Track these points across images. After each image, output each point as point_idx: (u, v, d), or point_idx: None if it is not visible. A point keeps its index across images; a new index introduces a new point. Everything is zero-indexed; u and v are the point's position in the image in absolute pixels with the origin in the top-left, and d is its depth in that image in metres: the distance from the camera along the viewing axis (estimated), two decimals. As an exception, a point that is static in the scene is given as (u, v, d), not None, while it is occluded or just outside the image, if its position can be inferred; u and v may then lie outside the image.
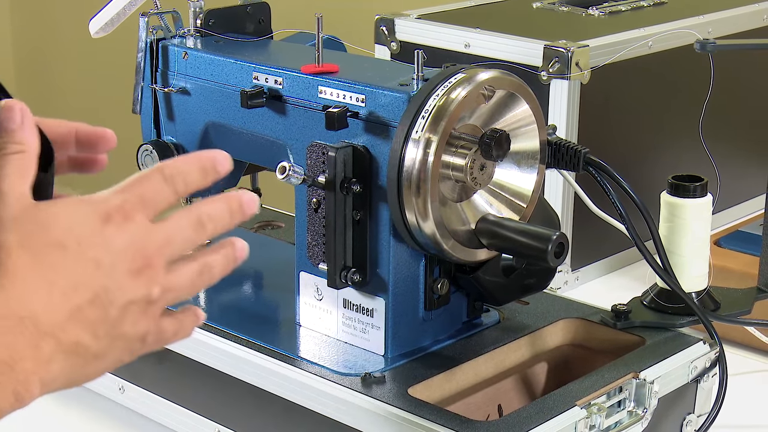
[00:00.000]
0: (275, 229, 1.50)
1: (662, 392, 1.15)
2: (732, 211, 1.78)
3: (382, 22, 1.68)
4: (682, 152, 1.66)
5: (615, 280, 1.62)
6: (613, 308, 1.24)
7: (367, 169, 1.12)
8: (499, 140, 1.08)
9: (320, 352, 1.18)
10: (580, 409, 1.08)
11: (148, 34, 1.29)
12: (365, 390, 1.10)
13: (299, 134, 1.18)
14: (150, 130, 1.33)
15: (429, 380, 1.13)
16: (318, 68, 1.18)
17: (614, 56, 1.53)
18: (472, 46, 1.58)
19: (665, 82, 1.64)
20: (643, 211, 1.18)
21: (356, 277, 1.14)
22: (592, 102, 1.53)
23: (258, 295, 1.34)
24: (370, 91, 1.13)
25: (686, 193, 1.23)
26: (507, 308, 1.26)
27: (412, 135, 1.08)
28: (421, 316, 1.18)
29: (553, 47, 1.50)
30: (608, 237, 1.51)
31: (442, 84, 1.09)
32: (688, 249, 1.23)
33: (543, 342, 1.24)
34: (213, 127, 1.27)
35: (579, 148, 1.18)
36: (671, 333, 1.22)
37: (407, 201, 1.09)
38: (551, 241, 1.07)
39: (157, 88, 1.30)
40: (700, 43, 1.29)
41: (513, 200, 1.16)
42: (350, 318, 1.18)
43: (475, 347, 1.19)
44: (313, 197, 1.14)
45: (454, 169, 1.10)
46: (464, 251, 1.12)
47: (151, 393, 1.27)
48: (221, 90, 1.25)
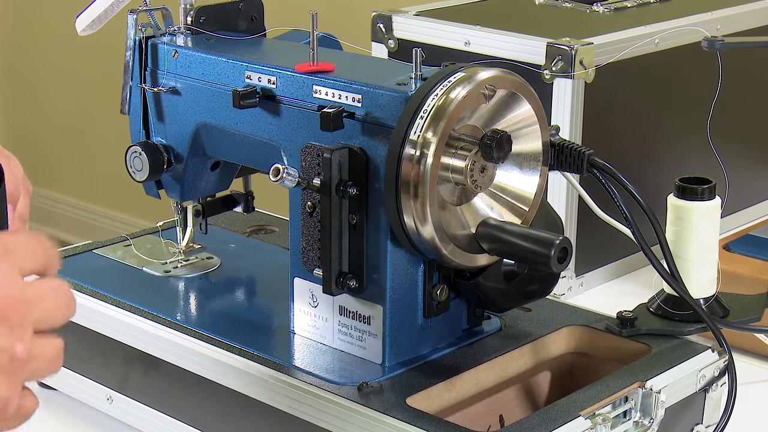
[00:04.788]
0: (269, 233, 1.50)
1: (669, 402, 1.14)
2: (741, 214, 1.78)
3: (379, 18, 1.68)
4: (690, 154, 1.67)
5: (620, 286, 1.62)
6: (619, 315, 1.24)
7: (364, 171, 1.12)
8: (500, 141, 1.08)
9: (315, 361, 1.17)
10: (585, 419, 1.07)
11: (137, 31, 1.29)
12: (362, 400, 1.09)
13: (293, 135, 1.18)
14: (139, 131, 1.32)
15: (428, 390, 1.13)
16: (313, 67, 1.17)
17: (619, 54, 1.53)
18: (472, 43, 1.58)
19: (672, 81, 1.65)
20: (649, 215, 1.17)
21: (353, 284, 1.14)
22: (597, 102, 1.53)
23: (251, 302, 1.33)
24: (366, 90, 1.12)
25: (694, 195, 1.23)
26: (509, 315, 1.25)
27: (410, 136, 1.08)
28: (419, 323, 1.17)
29: (556, 45, 1.50)
30: (613, 241, 1.51)
31: (441, 83, 1.09)
32: (695, 254, 1.23)
33: (546, 350, 1.24)
34: (204, 128, 1.27)
35: (583, 150, 1.17)
36: (678, 341, 1.22)
37: (405, 204, 1.08)
38: (554, 245, 1.07)
39: (146, 87, 1.30)
40: (708, 40, 1.31)
41: (515, 203, 1.15)
42: (346, 326, 1.18)
43: (476, 356, 1.19)
44: (308, 200, 1.14)
45: (453, 172, 1.10)
46: (464, 256, 1.12)
47: (139, 403, 1.26)
48: (212, 89, 1.24)
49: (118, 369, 1.27)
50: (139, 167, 1.29)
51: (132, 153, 1.30)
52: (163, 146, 1.30)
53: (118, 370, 1.27)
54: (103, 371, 1.28)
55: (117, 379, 1.27)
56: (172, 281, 1.34)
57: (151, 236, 1.44)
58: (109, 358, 1.27)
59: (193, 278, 1.35)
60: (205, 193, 1.34)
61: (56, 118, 3.83)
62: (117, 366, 1.27)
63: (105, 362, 1.27)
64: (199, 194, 1.33)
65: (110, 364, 1.27)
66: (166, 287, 1.33)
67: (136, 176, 1.30)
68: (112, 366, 1.27)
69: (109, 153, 3.07)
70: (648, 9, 1.73)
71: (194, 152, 1.29)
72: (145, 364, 1.23)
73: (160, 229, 1.44)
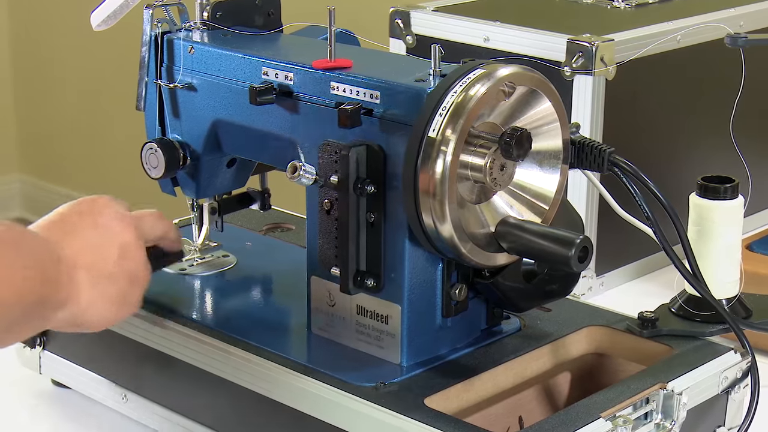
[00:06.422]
0: (285, 231, 1.49)
1: (691, 404, 1.14)
2: (764, 213, 1.78)
3: (398, 14, 1.68)
4: (712, 152, 1.65)
5: (641, 286, 1.62)
6: (640, 315, 1.24)
7: (382, 169, 1.11)
8: (519, 139, 1.08)
9: (332, 361, 1.17)
10: (605, 421, 1.07)
11: (153, 27, 1.28)
12: (380, 401, 1.09)
13: (310, 132, 1.17)
14: (155, 128, 1.32)
15: (446, 390, 1.12)
16: (330, 63, 1.17)
17: (641, 51, 1.53)
18: (492, 40, 1.58)
19: (694, 78, 1.64)
20: (671, 214, 1.17)
21: (370, 283, 1.14)
22: (618, 99, 1.53)
23: (267, 301, 1.33)
24: (384, 87, 1.12)
25: (716, 194, 1.23)
26: (528, 315, 1.25)
27: (429, 133, 1.07)
28: (438, 323, 1.17)
29: (576, 41, 1.50)
30: (634, 241, 1.50)
31: (461, 80, 1.09)
32: (718, 254, 1.23)
33: (566, 351, 1.23)
34: (220, 125, 1.27)
35: (604, 148, 1.17)
36: (701, 342, 1.21)
37: (424, 203, 1.08)
38: (575, 245, 1.07)
39: (162, 83, 1.30)
40: (730, 37, 1.31)
41: (534, 202, 1.15)
42: (364, 325, 1.18)
43: (495, 356, 1.18)
44: (325, 198, 1.13)
45: (472, 170, 1.09)
46: (483, 255, 1.12)
47: (154, 402, 1.26)
48: (229, 86, 1.24)
49: (133, 368, 1.27)
50: (155, 164, 1.28)
51: (147, 150, 1.29)
52: (178, 143, 1.29)
53: (133, 370, 1.27)
54: (118, 370, 1.28)
55: (132, 378, 1.26)
56: (188, 279, 1.33)
57: (167, 234, 1.43)
58: (124, 357, 1.27)
59: (209, 276, 1.34)
60: (221, 191, 1.34)
61: (71, 115, 3.83)
62: (132, 365, 1.26)
63: (120, 361, 1.27)
64: (215, 192, 1.33)
65: (125, 363, 1.27)
66: (182, 285, 1.32)
67: (152, 173, 1.29)
68: (127, 365, 1.27)
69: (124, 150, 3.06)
70: (670, 5, 1.73)
71: (210, 149, 1.28)
72: (160, 362, 1.23)
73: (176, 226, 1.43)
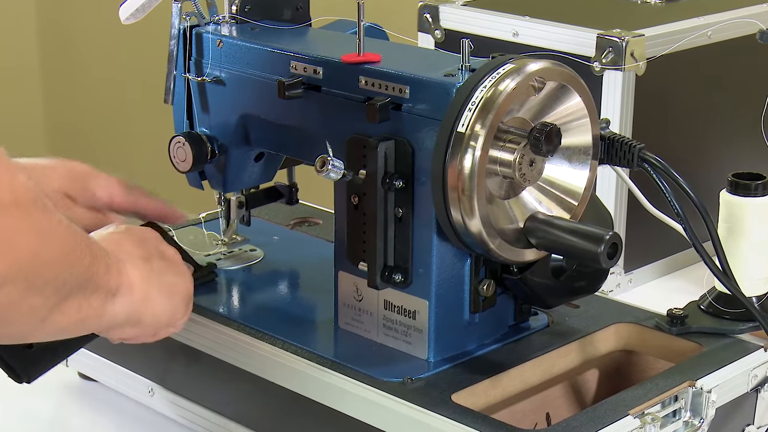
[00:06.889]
0: (312, 226, 1.49)
1: (720, 402, 1.13)
2: None
3: (426, 9, 1.68)
4: (743, 149, 1.65)
5: (671, 283, 1.62)
6: (669, 313, 1.23)
7: (410, 163, 1.11)
8: (549, 134, 1.07)
9: (359, 356, 1.17)
10: (633, 418, 1.06)
11: (181, 20, 1.28)
12: (407, 396, 1.09)
13: (339, 126, 1.17)
14: (183, 122, 1.32)
15: (474, 386, 1.12)
16: (359, 57, 1.17)
17: (672, 46, 1.52)
18: (521, 35, 1.58)
19: (725, 74, 1.63)
20: (701, 211, 1.16)
21: (398, 278, 1.14)
22: (648, 95, 1.52)
23: (294, 295, 1.33)
24: (413, 81, 1.12)
25: (747, 191, 1.22)
26: (556, 312, 1.25)
27: (458, 128, 1.07)
28: (465, 319, 1.17)
29: (606, 36, 1.49)
30: (664, 237, 1.48)
31: (490, 75, 1.08)
32: (748, 251, 1.22)
33: (594, 347, 1.23)
34: (248, 119, 1.27)
35: (633, 144, 1.16)
36: (730, 339, 1.21)
37: (452, 198, 1.08)
38: (604, 241, 1.06)
39: (190, 77, 1.30)
40: (762, 32, 1.34)
41: (564, 198, 1.15)
42: (391, 320, 1.17)
43: (523, 352, 1.18)
44: (353, 193, 1.14)
45: (501, 165, 1.09)
46: (512, 251, 1.12)
47: (180, 396, 1.26)
48: (257, 80, 1.24)
49: (159, 361, 1.27)
50: (183, 158, 1.28)
51: (175, 143, 1.29)
52: (206, 137, 1.29)
53: (160, 363, 1.27)
54: (145, 364, 1.28)
55: (158, 371, 1.27)
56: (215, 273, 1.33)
57: (194, 227, 1.43)
58: (151, 351, 1.26)
59: (236, 270, 1.34)
60: (249, 185, 1.34)
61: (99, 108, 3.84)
62: (159, 358, 1.27)
63: (146, 355, 1.27)
64: (242, 185, 1.33)
65: (152, 357, 1.27)
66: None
67: (180, 167, 1.29)
68: (154, 358, 1.27)
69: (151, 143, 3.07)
70: (701, 0, 1.72)
71: (238, 143, 1.28)
72: (186, 356, 1.23)
73: (203, 220, 1.43)
